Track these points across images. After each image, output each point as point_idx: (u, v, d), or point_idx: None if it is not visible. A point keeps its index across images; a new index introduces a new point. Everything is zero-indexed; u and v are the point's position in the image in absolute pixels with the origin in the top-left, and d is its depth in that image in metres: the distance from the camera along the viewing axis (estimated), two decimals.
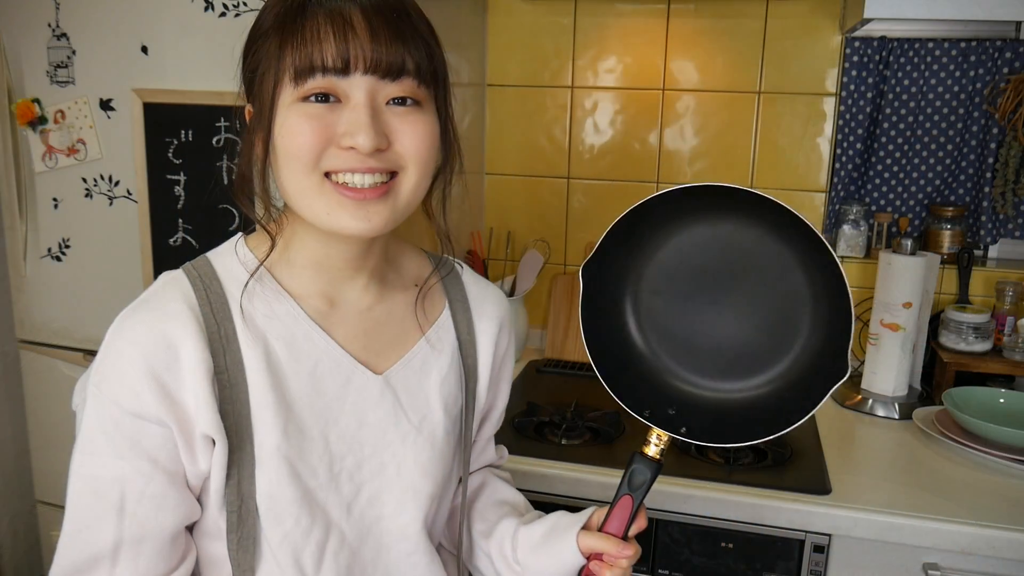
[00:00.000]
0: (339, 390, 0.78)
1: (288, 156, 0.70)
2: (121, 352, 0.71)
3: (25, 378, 1.68)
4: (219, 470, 0.73)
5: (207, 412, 0.71)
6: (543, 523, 0.89)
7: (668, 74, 1.87)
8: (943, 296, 1.80)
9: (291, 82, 0.69)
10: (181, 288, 0.75)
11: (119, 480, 0.71)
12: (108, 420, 0.70)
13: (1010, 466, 1.41)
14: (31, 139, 1.54)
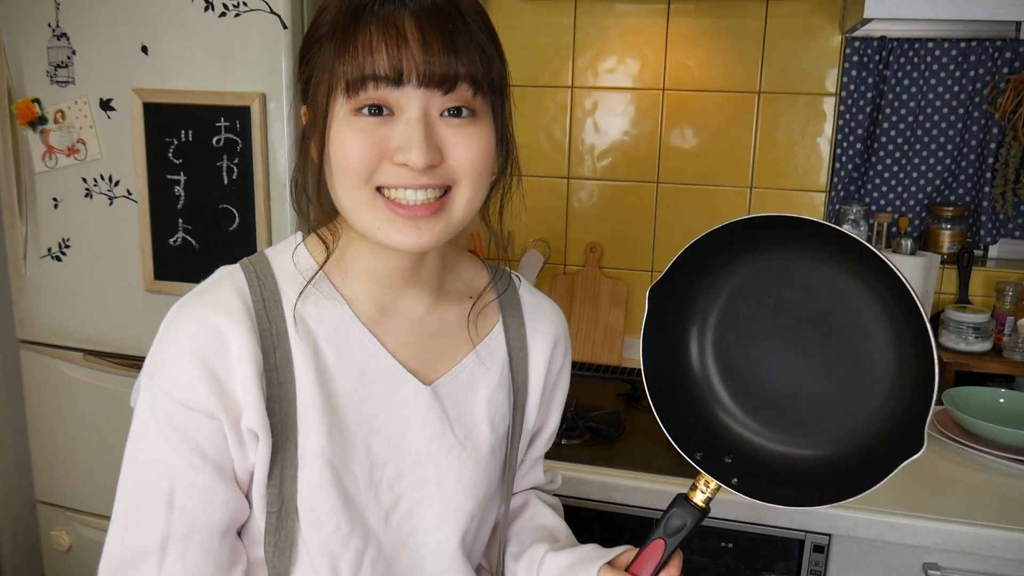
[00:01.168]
0: (386, 397, 0.77)
1: (341, 170, 0.69)
2: (173, 342, 0.71)
3: (25, 378, 1.68)
4: (261, 468, 0.72)
5: (254, 406, 0.71)
6: (571, 553, 0.85)
7: (668, 74, 1.87)
8: (943, 296, 1.80)
9: (343, 93, 0.68)
10: (236, 282, 0.74)
11: (169, 472, 0.70)
12: (160, 411, 0.70)
13: (1010, 466, 1.41)
14: (31, 139, 1.54)
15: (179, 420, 0.70)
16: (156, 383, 0.70)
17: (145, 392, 0.71)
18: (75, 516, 1.70)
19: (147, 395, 0.71)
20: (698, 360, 0.82)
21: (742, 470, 0.79)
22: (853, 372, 0.76)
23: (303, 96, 0.74)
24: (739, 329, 0.80)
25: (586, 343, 1.96)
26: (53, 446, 1.68)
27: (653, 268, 1.97)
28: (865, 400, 0.76)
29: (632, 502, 1.36)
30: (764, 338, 0.79)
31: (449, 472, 0.79)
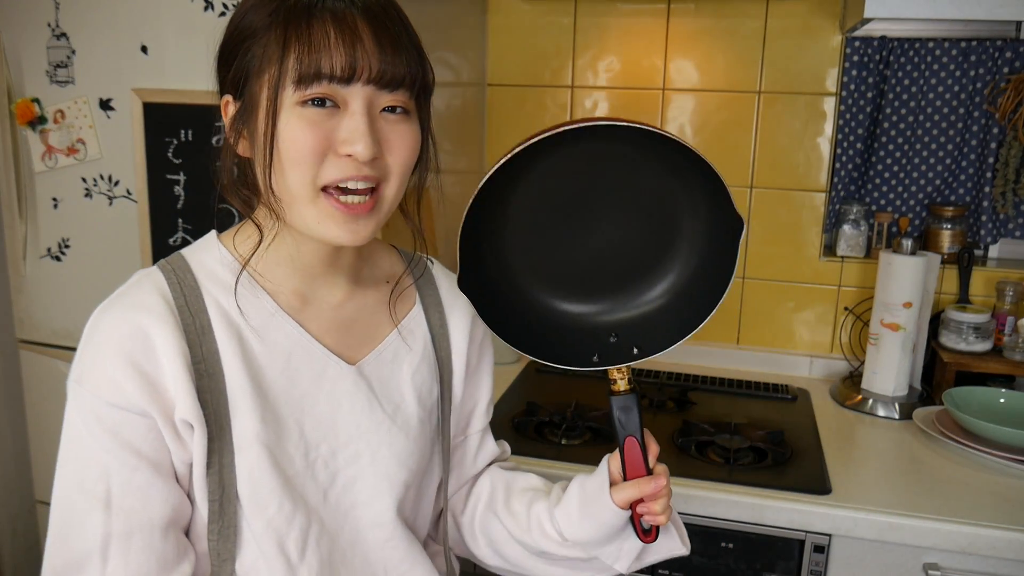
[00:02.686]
0: (313, 380, 0.80)
1: (289, 160, 0.71)
2: (99, 345, 0.72)
3: (25, 378, 1.68)
4: (199, 458, 0.74)
5: (186, 398, 0.72)
6: (572, 497, 0.88)
7: (668, 74, 1.87)
8: (943, 296, 1.80)
9: (292, 85, 0.70)
10: (155, 282, 0.76)
11: (104, 473, 0.71)
12: (90, 414, 0.72)
13: (1010, 466, 1.41)
14: (31, 139, 1.54)
15: (110, 421, 0.71)
16: (84, 388, 0.72)
17: (73, 398, 0.73)
18: None
19: (76, 400, 0.73)
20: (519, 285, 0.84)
21: (630, 339, 0.86)
22: (654, 218, 0.83)
23: (228, 87, 0.76)
24: (536, 233, 0.83)
25: None
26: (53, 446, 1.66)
27: None
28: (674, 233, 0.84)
29: None
30: (565, 224, 0.83)
31: (381, 446, 0.83)
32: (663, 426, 1.56)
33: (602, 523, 0.86)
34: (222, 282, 0.78)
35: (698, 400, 1.71)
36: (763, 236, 1.89)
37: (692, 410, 1.66)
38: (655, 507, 0.84)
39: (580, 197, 0.83)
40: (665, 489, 0.85)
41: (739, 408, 1.67)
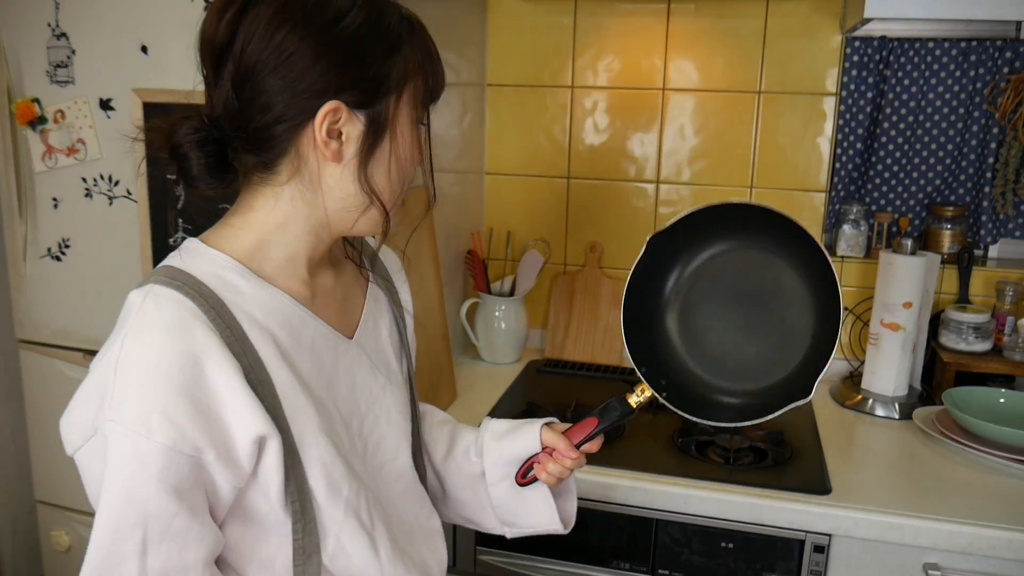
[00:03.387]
0: (333, 362, 0.84)
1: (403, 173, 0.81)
2: (143, 381, 0.68)
3: (25, 378, 1.68)
4: (277, 466, 0.74)
5: (255, 413, 0.72)
6: (509, 421, 1.02)
7: (668, 74, 1.87)
8: (943, 296, 1.80)
9: (421, 104, 0.80)
10: (175, 300, 0.72)
11: (142, 521, 0.68)
12: (133, 459, 0.68)
13: (1010, 466, 1.41)
14: (31, 139, 1.54)
15: (155, 466, 0.68)
16: (129, 429, 0.67)
17: (113, 440, 0.68)
18: (75, 516, 1.70)
19: (116, 442, 0.68)
20: (668, 300, 1.04)
21: (671, 391, 1.00)
22: (777, 345, 0.99)
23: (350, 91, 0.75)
24: (704, 289, 1.03)
25: (586, 343, 1.96)
26: (53, 446, 1.68)
27: None
28: (780, 368, 0.99)
29: (632, 502, 1.36)
30: (719, 302, 1.02)
31: (389, 406, 0.91)
32: (663, 426, 1.56)
33: (518, 443, 0.98)
34: (235, 287, 0.77)
35: None
36: None
37: None
38: (550, 464, 0.96)
39: (749, 296, 1.02)
40: (571, 462, 0.96)
41: None
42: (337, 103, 0.74)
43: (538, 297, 2.03)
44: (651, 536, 1.37)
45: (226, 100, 0.75)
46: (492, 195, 2.03)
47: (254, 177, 0.80)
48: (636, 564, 1.39)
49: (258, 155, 0.77)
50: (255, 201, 0.80)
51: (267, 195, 0.79)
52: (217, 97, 0.75)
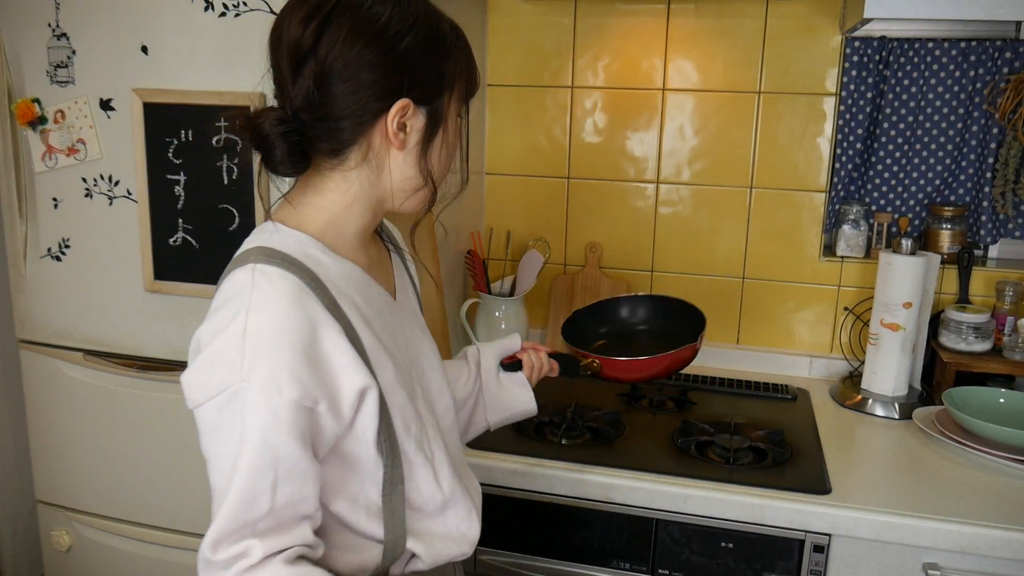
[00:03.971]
0: (390, 319, 0.97)
1: (451, 155, 0.96)
2: (271, 344, 0.81)
3: (25, 378, 1.68)
4: (373, 414, 0.87)
5: (358, 368, 0.85)
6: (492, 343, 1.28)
7: (668, 74, 1.87)
8: (943, 296, 1.80)
9: (463, 100, 0.96)
10: (282, 276, 0.85)
11: (273, 465, 0.81)
12: (268, 413, 0.80)
13: (1010, 466, 1.41)
14: (31, 139, 1.54)
15: (286, 418, 0.81)
16: (262, 387, 0.80)
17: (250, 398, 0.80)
18: (75, 516, 1.70)
19: (252, 401, 0.80)
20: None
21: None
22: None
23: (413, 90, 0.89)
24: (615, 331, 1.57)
25: None
26: (53, 446, 1.68)
27: (653, 268, 1.97)
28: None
29: (632, 502, 1.36)
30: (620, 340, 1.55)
31: (428, 353, 1.04)
32: (663, 426, 1.57)
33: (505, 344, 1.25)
34: (319, 261, 0.89)
35: (698, 400, 1.71)
36: (763, 236, 1.89)
37: (692, 410, 1.67)
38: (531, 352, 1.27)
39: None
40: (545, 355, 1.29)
41: (739, 408, 1.67)
42: (407, 101, 0.88)
43: (538, 297, 2.03)
44: (651, 536, 1.37)
45: (307, 96, 0.87)
46: (492, 195, 2.03)
47: (323, 164, 0.91)
48: (636, 564, 1.39)
49: (332, 144, 0.89)
50: (325, 184, 0.92)
51: (337, 179, 0.91)
52: (296, 93, 0.87)
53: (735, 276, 1.93)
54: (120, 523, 1.65)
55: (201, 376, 0.83)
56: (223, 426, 0.83)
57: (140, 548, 1.65)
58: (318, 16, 0.86)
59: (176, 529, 1.62)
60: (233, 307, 0.83)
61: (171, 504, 1.61)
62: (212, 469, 0.84)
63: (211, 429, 0.84)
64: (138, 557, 1.66)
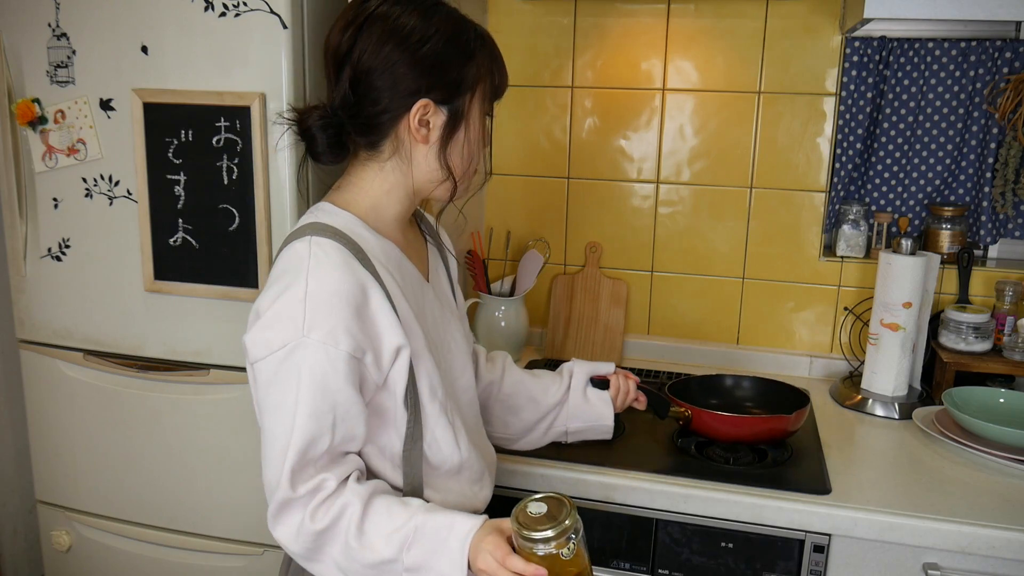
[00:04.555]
0: (421, 297, 1.08)
1: (474, 154, 1.06)
2: (329, 301, 0.93)
3: (25, 378, 1.68)
4: (404, 371, 0.99)
5: (397, 328, 0.98)
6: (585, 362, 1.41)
7: (668, 74, 1.87)
8: (943, 296, 1.80)
9: (487, 100, 1.06)
10: (335, 247, 0.97)
11: (332, 408, 0.94)
12: (326, 362, 0.92)
13: (1010, 466, 1.41)
14: (31, 139, 1.54)
15: (343, 367, 0.93)
16: (322, 341, 0.92)
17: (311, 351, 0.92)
18: (75, 516, 1.70)
19: (312, 352, 0.92)
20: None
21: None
22: None
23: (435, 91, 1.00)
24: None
25: (586, 343, 1.96)
26: (53, 446, 1.68)
27: (653, 268, 1.97)
28: None
29: (632, 502, 1.36)
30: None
31: (455, 333, 1.15)
32: (663, 426, 1.56)
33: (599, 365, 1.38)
34: (363, 237, 1.01)
35: None
36: (763, 236, 1.89)
37: None
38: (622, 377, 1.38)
39: None
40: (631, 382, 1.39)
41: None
42: (427, 100, 1.00)
43: (538, 297, 2.03)
44: (651, 536, 1.37)
45: (344, 95, 1.00)
46: (492, 195, 2.03)
47: (362, 154, 1.04)
48: (636, 564, 1.39)
49: (367, 137, 1.02)
50: (365, 174, 1.05)
51: (374, 169, 1.04)
52: (337, 93, 1.01)
53: (735, 276, 1.93)
54: (120, 523, 1.65)
55: (265, 334, 0.94)
56: (282, 378, 0.94)
57: (140, 548, 1.65)
58: (353, 25, 0.98)
59: (176, 529, 1.62)
60: (293, 274, 0.95)
61: (171, 504, 1.61)
62: (269, 417, 0.96)
63: (268, 382, 0.95)
64: (138, 557, 1.66)
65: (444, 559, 0.94)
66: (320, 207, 1.05)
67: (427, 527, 0.95)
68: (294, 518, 0.95)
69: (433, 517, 0.96)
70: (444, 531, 0.96)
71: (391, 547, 0.94)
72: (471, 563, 0.95)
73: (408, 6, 0.99)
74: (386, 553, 0.94)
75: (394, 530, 0.95)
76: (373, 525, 0.96)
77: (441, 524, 0.96)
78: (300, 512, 0.95)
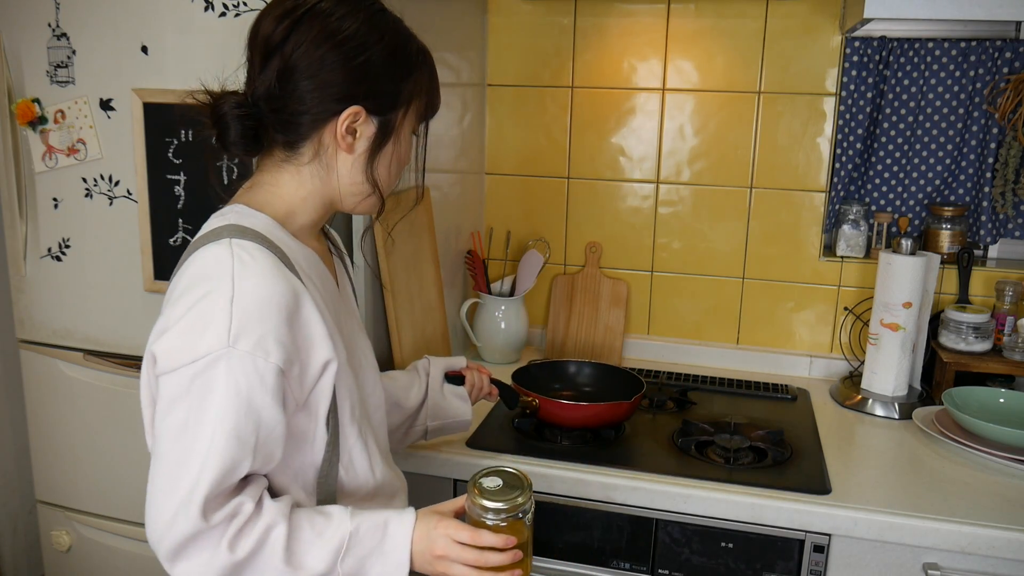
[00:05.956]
0: (336, 304, 1.02)
1: (400, 169, 1.02)
2: (259, 309, 0.85)
3: (25, 378, 1.68)
4: (329, 387, 0.93)
5: (326, 339, 0.91)
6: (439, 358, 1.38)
7: (668, 74, 1.87)
8: (943, 296, 1.80)
9: (419, 118, 1.01)
10: (260, 249, 0.90)
11: (256, 428, 0.86)
12: (253, 375, 0.84)
13: (1010, 466, 1.41)
14: (31, 139, 1.54)
15: (270, 381, 0.85)
16: (251, 352, 0.83)
17: (228, 360, 0.83)
18: (75, 516, 1.70)
19: (233, 362, 0.83)
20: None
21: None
22: None
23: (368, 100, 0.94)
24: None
25: (586, 343, 1.96)
26: (53, 446, 1.68)
27: (653, 268, 1.97)
28: None
29: (632, 502, 1.36)
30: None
31: (365, 348, 1.10)
32: (663, 426, 1.57)
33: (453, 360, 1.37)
34: (284, 242, 0.94)
35: (698, 400, 1.71)
36: (763, 236, 1.89)
37: (692, 410, 1.67)
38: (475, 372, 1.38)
39: None
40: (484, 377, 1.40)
41: (739, 408, 1.67)
42: (359, 108, 0.93)
43: (538, 297, 2.03)
44: (651, 536, 1.37)
45: (269, 87, 0.92)
46: (492, 195, 2.03)
47: (278, 153, 0.96)
48: (636, 564, 1.39)
49: (287, 136, 0.94)
50: (281, 176, 0.97)
51: (291, 172, 0.97)
52: (260, 83, 0.93)
53: (735, 276, 1.93)
54: (120, 523, 1.65)
55: (185, 340, 0.84)
56: (196, 393, 0.84)
57: (140, 548, 1.65)
58: (290, 17, 0.91)
59: None
60: (214, 280, 0.86)
61: None
62: (173, 440, 0.84)
63: (177, 397, 0.85)
64: (138, 557, 1.66)
65: (384, 561, 0.90)
66: (234, 208, 0.96)
67: (359, 531, 0.91)
68: (203, 553, 0.84)
69: (363, 520, 0.92)
70: (378, 532, 0.91)
71: (323, 560, 0.88)
72: (425, 553, 0.91)
73: (352, 7, 0.93)
74: (320, 567, 0.88)
75: (324, 541, 0.89)
76: (299, 543, 0.88)
77: (374, 525, 0.92)
78: (213, 544, 0.84)
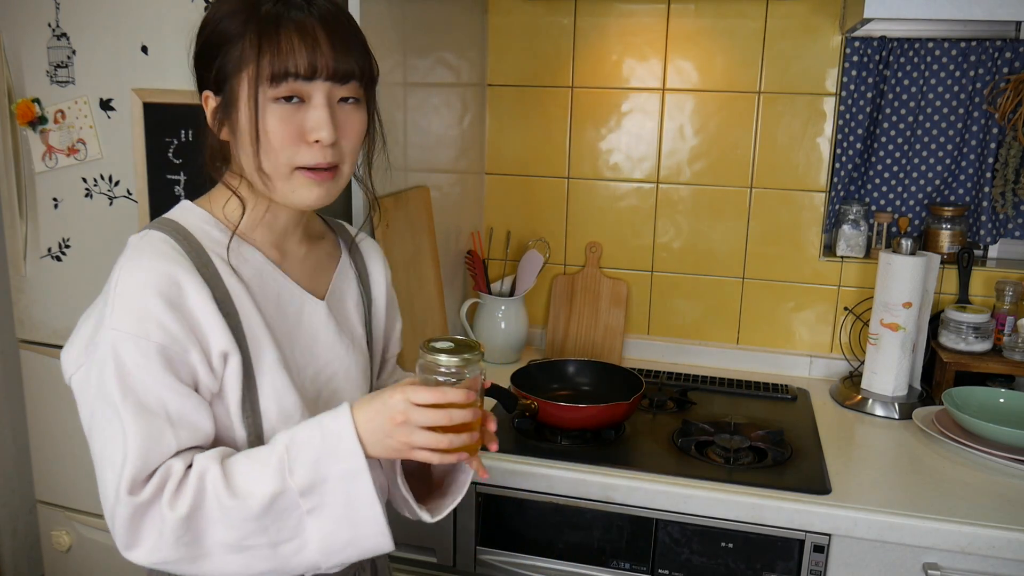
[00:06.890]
0: (296, 315, 0.98)
1: (269, 148, 0.88)
2: (136, 293, 0.84)
3: (25, 378, 1.68)
4: (235, 382, 0.89)
5: (221, 331, 0.87)
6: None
7: (668, 74, 1.87)
8: (943, 296, 1.80)
9: (266, 83, 0.86)
10: (160, 238, 0.89)
11: (162, 404, 0.85)
12: (137, 354, 0.83)
13: (1010, 466, 1.41)
14: (31, 139, 1.54)
15: (157, 359, 0.84)
16: (129, 332, 0.83)
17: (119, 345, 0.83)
18: (75, 516, 1.70)
19: (117, 344, 0.83)
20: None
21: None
22: None
23: (209, 84, 0.90)
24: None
25: (586, 343, 1.96)
26: (53, 446, 1.68)
27: (653, 268, 1.97)
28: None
29: (631, 502, 1.36)
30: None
31: (350, 365, 1.03)
32: (663, 426, 1.57)
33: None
34: (215, 239, 0.92)
35: (698, 400, 1.71)
36: (763, 236, 1.89)
37: (692, 410, 1.67)
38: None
39: None
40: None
41: (739, 408, 1.67)
42: (206, 92, 0.91)
43: (538, 297, 2.03)
44: (651, 536, 1.37)
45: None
46: (492, 195, 2.03)
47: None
48: (636, 564, 1.39)
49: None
50: (232, 179, 0.95)
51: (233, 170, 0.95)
52: None
53: (735, 276, 1.93)
54: None
55: (73, 339, 0.90)
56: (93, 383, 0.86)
57: None
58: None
59: None
60: (113, 272, 0.88)
61: None
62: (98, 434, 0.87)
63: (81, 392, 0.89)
64: None
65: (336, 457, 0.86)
66: (180, 205, 0.97)
67: (296, 440, 0.86)
68: (151, 528, 0.82)
69: (298, 429, 0.88)
70: (315, 432, 0.87)
71: (269, 480, 0.84)
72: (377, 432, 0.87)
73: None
74: (269, 488, 0.83)
75: (262, 463, 0.85)
76: (237, 475, 0.84)
77: (308, 428, 0.87)
78: (155, 515, 0.82)
